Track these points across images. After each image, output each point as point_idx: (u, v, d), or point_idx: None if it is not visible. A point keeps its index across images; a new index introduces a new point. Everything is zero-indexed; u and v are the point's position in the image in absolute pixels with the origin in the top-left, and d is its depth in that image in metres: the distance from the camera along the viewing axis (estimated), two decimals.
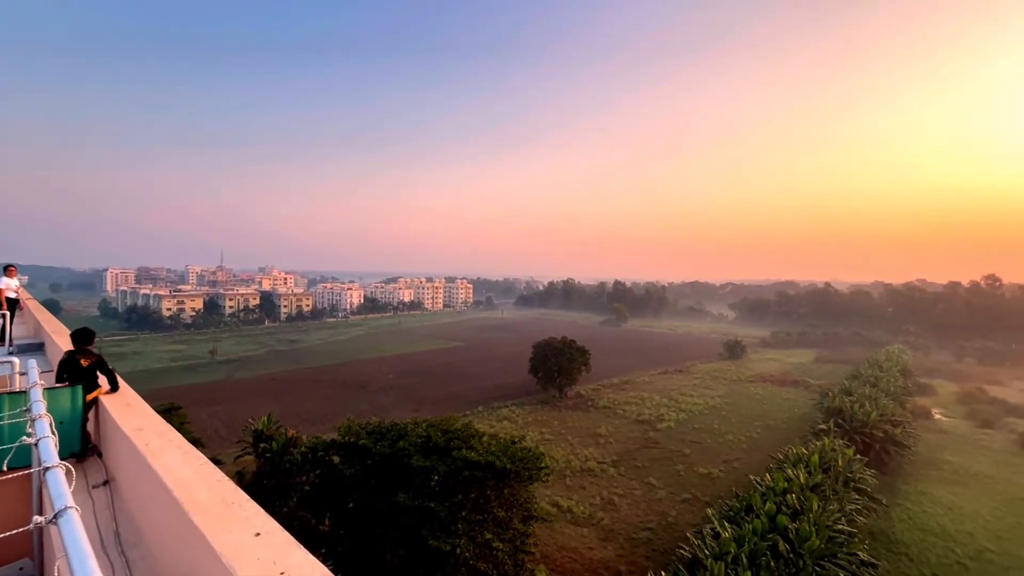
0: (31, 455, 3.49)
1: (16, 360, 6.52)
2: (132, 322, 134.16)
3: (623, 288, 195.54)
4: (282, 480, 26.34)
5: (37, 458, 3.02)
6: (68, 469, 2.46)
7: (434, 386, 67.30)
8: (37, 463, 3.05)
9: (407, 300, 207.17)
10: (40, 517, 2.12)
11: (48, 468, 2.48)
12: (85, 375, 5.57)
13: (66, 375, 5.57)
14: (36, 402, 3.93)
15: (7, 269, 13.21)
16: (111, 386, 5.76)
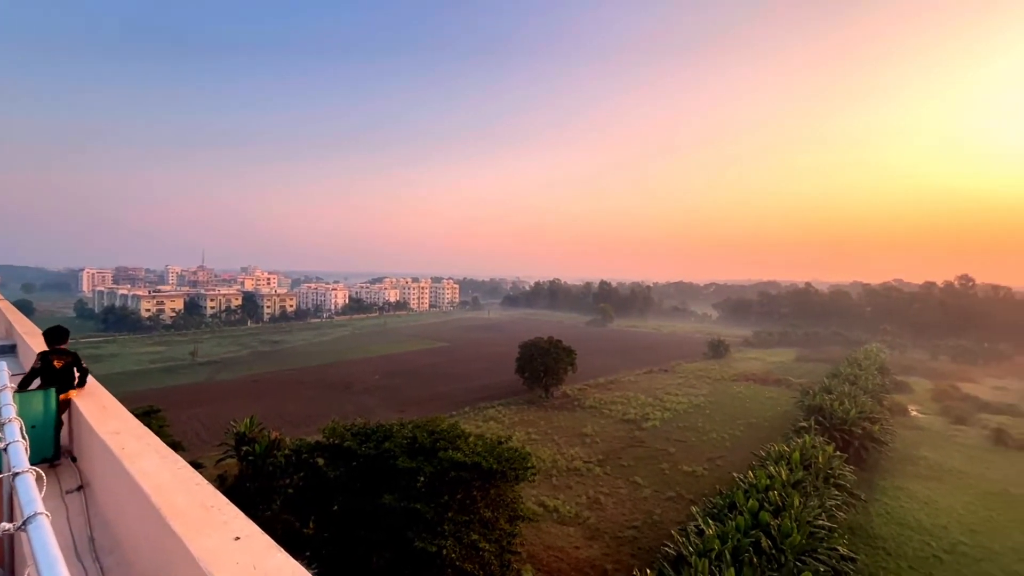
0: (1, 461, 3.39)
1: None
2: (109, 323, 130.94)
3: (609, 288, 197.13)
4: (265, 483, 25.95)
5: (7, 463, 2.94)
6: (39, 475, 2.40)
7: (420, 387, 66.95)
8: (7, 468, 2.96)
9: (393, 300, 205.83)
10: (9, 524, 2.06)
11: (18, 473, 2.41)
12: (59, 377, 5.42)
13: (39, 378, 5.42)
14: (6, 405, 3.81)
15: None
16: (80, 383, 5.62)
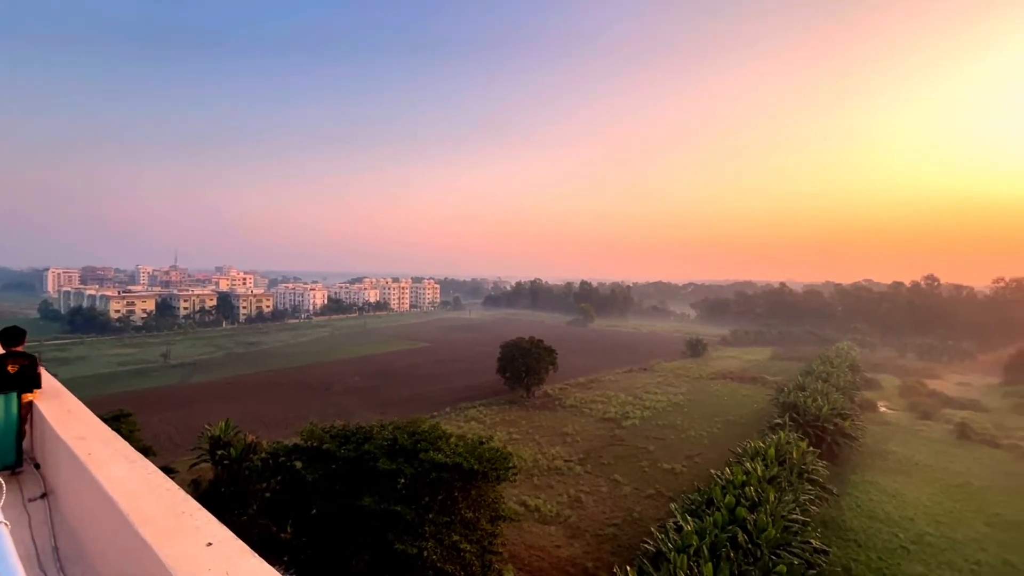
0: None
1: None
2: (76, 325, 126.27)
3: (589, 288, 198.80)
4: (241, 488, 25.40)
5: None
6: None
7: (400, 387, 66.39)
8: None
9: (373, 301, 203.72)
10: None
11: None
12: (15, 382, 5.21)
13: None
14: None
15: None
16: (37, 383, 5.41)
